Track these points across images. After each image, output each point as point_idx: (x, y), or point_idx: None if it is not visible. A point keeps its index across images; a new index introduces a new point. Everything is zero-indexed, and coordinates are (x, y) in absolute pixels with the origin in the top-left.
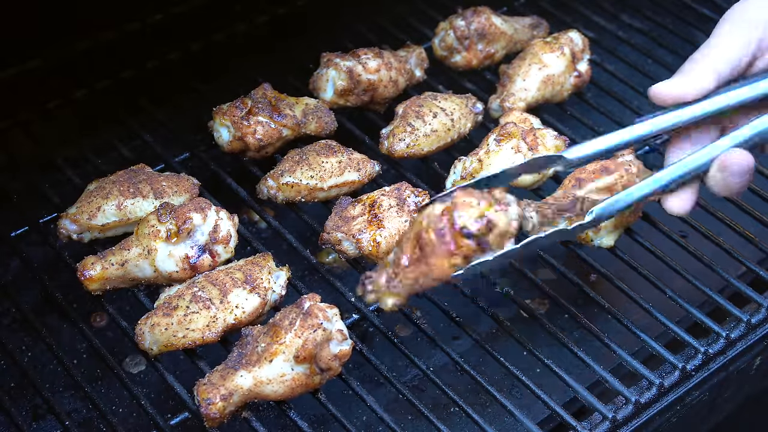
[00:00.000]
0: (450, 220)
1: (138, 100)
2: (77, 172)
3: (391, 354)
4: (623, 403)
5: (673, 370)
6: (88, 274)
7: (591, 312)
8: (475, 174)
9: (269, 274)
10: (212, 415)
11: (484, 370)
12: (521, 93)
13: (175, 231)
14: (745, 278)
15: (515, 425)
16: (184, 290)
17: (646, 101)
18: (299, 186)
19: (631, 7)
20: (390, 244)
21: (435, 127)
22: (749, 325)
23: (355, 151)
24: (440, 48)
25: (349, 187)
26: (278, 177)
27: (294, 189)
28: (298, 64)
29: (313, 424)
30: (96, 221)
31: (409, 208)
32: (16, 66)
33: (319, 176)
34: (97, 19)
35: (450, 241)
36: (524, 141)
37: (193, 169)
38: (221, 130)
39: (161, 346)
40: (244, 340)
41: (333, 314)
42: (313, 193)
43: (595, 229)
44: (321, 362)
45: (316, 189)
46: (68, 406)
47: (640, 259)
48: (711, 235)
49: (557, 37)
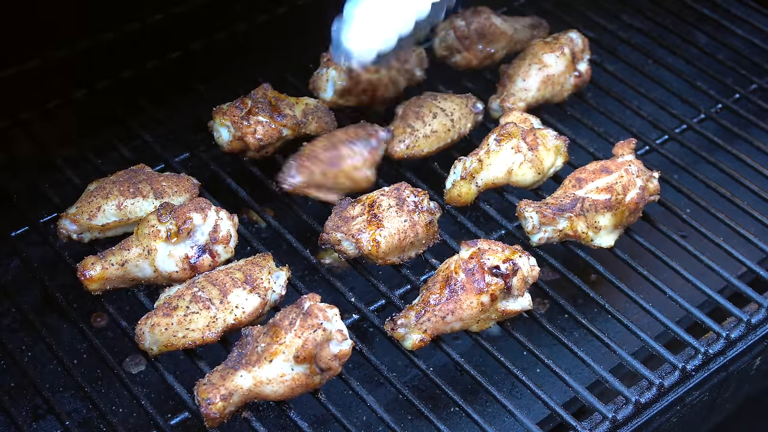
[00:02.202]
0: (479, 261)
1: (138, 100)
2: (77, 172)
3: (391, 354)
4: (623, 403)
5: (673, 370)
6: (88, 274)
7: (591, 312)
8: (475, 174)
9: (269, 274)
10: (212, 415)
11: (484, 370)
12: (521, 93)
13: (175, 231)
14: (745, 278)
15: (515, 425)
16: (184, 290)
17: (646, 101)
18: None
19: (631, 7)
20: (389, 243)
21: (435, 127)
22: (749, 325)
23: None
24: (440, 48)
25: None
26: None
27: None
28: (298, 64)
29: (313, 424)
30: (96, 221)
31: (409, 208)
32: (16, 66)
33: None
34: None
35: (480, 279)
36: (524, 141)
37: (193, 169)
38: (221, 130)
39: (161, 346)
40: (244, 340)
41: (333, 314)
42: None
43: (595, 229)
44: (321, 362)
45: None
46: (68, 406)
47: (640, 259)
48: (711, 235)
49: (557, 37)
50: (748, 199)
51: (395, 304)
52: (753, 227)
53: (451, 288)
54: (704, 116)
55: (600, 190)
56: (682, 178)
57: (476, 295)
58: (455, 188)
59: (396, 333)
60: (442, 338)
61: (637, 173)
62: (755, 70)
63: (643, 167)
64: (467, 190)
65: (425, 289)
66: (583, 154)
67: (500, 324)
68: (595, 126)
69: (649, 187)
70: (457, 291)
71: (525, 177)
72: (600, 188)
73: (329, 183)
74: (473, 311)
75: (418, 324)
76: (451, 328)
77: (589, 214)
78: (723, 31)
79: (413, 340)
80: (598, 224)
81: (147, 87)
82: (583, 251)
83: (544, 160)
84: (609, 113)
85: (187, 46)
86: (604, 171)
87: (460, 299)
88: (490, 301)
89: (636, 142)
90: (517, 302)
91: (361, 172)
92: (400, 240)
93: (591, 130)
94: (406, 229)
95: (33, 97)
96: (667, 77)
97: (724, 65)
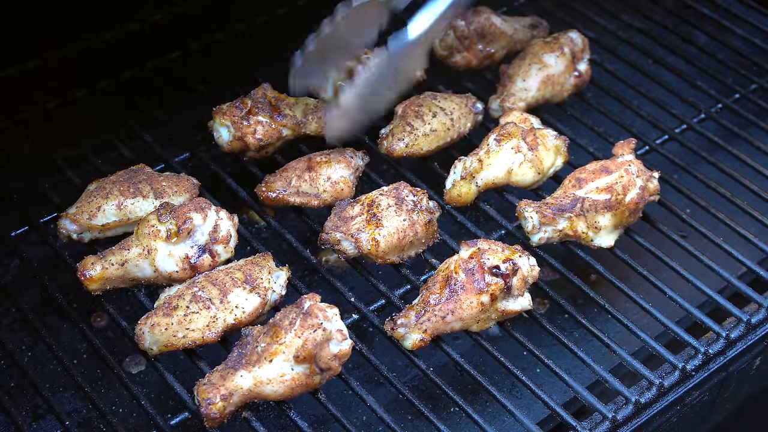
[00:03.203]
0: (479, 261)
1: (138, 100)
2: (77, 172)
3: (391, 354)
4: (623, 403)
5: (673, 370)
6: (88, 274)
7: (591, 312)
8: (475, 174)
9: (269, 274)
10: (212, 415)
11: (484, 370)
12: (521, 93)
13: (175, 231)
14: (745, 278)
15: (515, 425)
16: (184, 290)
17: (646, 101)
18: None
19: (631, 7)
20: (389, 243)
21: (434, 126)
22: (749, 325)
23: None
24: (440, 48)
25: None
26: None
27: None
28: None
29: (313, 424)
30: (96, 221)
31: (408, 207)
32: (16, 66)
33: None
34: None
35: (480, 279)
36: (524, 141)
37: (193, 169)
38: (221, 130)
39: (161, 346)
40: (244, 340)
41: (333, 314)
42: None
43: (595, 229)
44: (321, 362)
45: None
46: (68, 406)
47: (640, 259)
48: (711, 235)
49: (557, 37)
50: (748, 199)
51: (395, 304)
52: (753, 227)
53: (451, 288)
54: (704, 116)
55: (600, 190)
56: (682, 178)
57: (476, 294)
58: (455, 188)
59: (396, 333)
60: (442, 338)
61: (637, 173)
62: (755, 70)
63: (643, 167)
64: (467, 190)
65: (425, 289)
66: (583, 154)
67: (500, 324)
68: (595, 126)
69: (649, 187)
70: (457, 291)
71: (525, 177)
72: (600, 188)
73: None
74: (473, 311)
75: (418, 324)
76: (451, 328)
77: (589, 214)
78: (723, 31)
79: (413, 339)
80: (598, 224)
81: (147, 87)
82: (583, 251)
83: (544, 160)
84: (609, 113)
85: (187, 46)
86: (604, 171)
87: (460, 299)
88: (490, 301)
89: (636, 142)
90: (517, 302)
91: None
92: (399, 239)
93: (591, 130)
94: (405, 228)
95: (33, 97)
96: (667, 77)
97: (724, 65)
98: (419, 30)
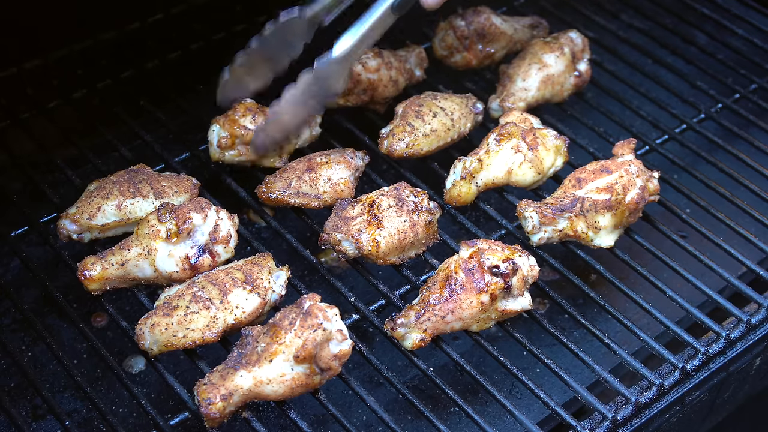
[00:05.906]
0: (479, 261)
1: (138, 100)
2: (77, 172)
3: (391, 354)
4: (623, 403)
5: (673, 370)
6: (88, 274)
7: (591, 312)
8: (475, 174)
9: (269, 274)
10: (212, 415)
11: (484, 370)
12: (521, 93)
13: (175, 231)
14: (745, 278)
15: (515, 425)
16: (184, 290)
17: (646, 101)
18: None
19: (631, 7)
20: (389, 243)
21: (435, 126)
22: (749, 325)
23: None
24: (440, 48)
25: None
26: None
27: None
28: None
29: (313, 424)
30: (96, 221)
31: (408, 207)
32: (16, 66)
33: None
34: (97, 19)
35: (480, 279)
36: (524, 141)
37: (193, 169)
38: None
39: (161, 346)
40: (244, 340)
41: (333, 314)
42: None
43: (595, 229)
44: (321, 362)
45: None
46: (68, 406)
47: (640, 259)
48: (711, 235)
49: (557, 37)
50: (748, 199)
51: (395, 304)
52: (753, 227)
53: (451, 288)
54: (704, 116)
55: (600, 190)
56: (682, 178)
57: (476, 294)
58: (455, 188)
59: (396, 333)
60: (442, 338)
61: (637, 173)
62: (755, 70)
63: (643, 167)
64: (467, 190)
65: (425, 289)
66: (583, 154)
67: (500, 324)
68: (595, 126)
69: (649, 187)
70: (457, 291)
71: (525, 177)
72: (600, 188)
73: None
74: (473, 311)
75: (418, 324)
76: (451, 327)
77: (589, 214)
78: (723, 31)
79: (413, 339)
80: (598, 224)
81: (147, 87)
82: (583, 251)
83: (544, 160)
84: (609, 113)
85: (187, 46)
86: (604, 171)
87: (459, 299)
88: (489, 301)
89: (636, 142)
90: (517, 302)
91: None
92: (399, 240)
93: (591, 130)
94: (405, 229)
95: (33, 97)
96: (667, 77)
97: (724, 65)
98: (342, 49)
